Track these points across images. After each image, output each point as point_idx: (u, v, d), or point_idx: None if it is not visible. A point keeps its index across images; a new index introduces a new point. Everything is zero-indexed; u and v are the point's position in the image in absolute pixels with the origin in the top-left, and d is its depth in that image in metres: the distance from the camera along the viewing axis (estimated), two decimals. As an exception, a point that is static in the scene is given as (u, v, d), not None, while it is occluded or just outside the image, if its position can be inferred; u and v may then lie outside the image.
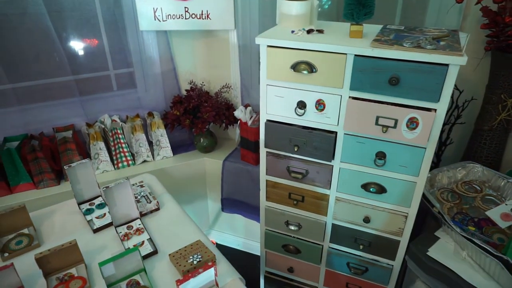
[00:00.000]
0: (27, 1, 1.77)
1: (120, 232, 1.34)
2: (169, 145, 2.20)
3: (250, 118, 2.05)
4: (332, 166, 1.41)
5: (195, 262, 1.18)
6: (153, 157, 2.20)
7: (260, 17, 2.03)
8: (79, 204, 1.50)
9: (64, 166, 1.39)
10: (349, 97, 1.25)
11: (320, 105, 1.30)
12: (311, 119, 1.34)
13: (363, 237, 1.50)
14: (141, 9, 1.98)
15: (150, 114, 2.23)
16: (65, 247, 1.15)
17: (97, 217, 1.42)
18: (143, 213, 1.43)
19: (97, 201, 1.52)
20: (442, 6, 1.78)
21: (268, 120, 1.43)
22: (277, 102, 1.37)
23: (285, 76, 1.30)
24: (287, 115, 1.38)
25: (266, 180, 1.57)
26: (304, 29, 1.33)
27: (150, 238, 1.32)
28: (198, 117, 2.09)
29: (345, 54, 1.19)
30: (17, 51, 1.91)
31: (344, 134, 1.32)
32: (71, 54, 2.02)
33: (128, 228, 1.36)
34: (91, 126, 2.11)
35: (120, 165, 2.12)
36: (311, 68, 1.24)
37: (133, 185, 1.58)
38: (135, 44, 2.11)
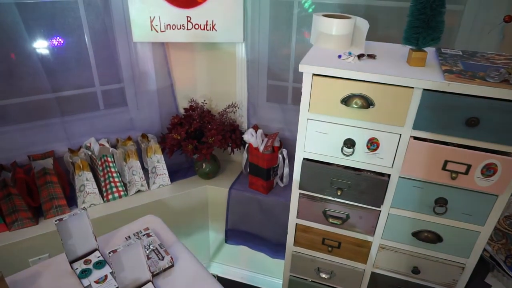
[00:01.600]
0: (-3, 6, 1.45)
1: (129, 303, 1.08)
2: (166, 172, 1.93)
3: (262, 143, 1.82)
4: (380, 211, 1.21)
5: None
6: (148, 186, 1.92)
7: (271, 29, 1.81)
8: (71, 262, 1.21)
9: (54, 221, 1.11)
10: (411, 137, 1.05)
11: (373, 144, 1.10)
12: (360, 159, 1.14)
13: (409, 287, 1.31)
14: (135, 18, 1.70)
15: (144, 136, 1.95)
16: None
17: (96, 281, 1.14)
18: (155, 273, 1.17)
19: (93, 258, 1.23)
20: (475, 26, 1.63)
21: (305, 159, 1.21)
22: (319, 139, 1.15)
23: (332, 110, 1.09)
24: (330, 154, 1.17)
25: (296, 224, 1.35)
26: (351, 53, 1.12)
27: (168, 311, 1.06)
28: (203, 142, 1.83)
29: (412, 88, 0.99)
30: (-17, 66, 1.57)
31: (400, 177, 1.13)
32: (50, 69, 1.70)
33: (138, 296, 1.10)
34: (75, 153, 1.80)
35: (110, 197, 1.83)
36: (367, 103, 1.03)
37: (138, 233, 1.31)
38: (126, 57, 1.83)
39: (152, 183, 1.91)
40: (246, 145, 1.91)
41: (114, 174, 1.80)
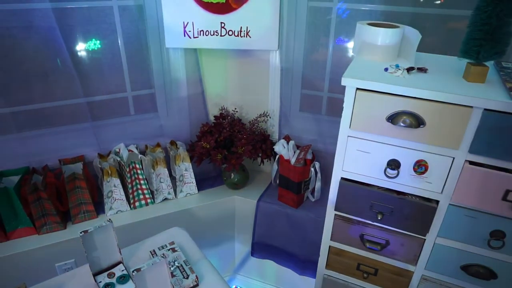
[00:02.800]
0: (33, 13, 1.45)
1: (152, 324, 1.02)
2: (194, 180, 1.88)
3: (293, 155, 1.74)
4: (424, 240, 1.10)
5: None
6: (175, 194, 1.88)
7: (307, 37, 1.73)
8: (95, 275, 1.17)
9: (79, 233, 1.07)
10: (466, 161, 0.94)
11: (420, 167, 0.99)
12: (405, 182, 1.04)
13: (453, 325, 1.19)
14: (169, 24, 1.67)
15: (173, 143, 1.91)
16: None
17: (119, 297, 1.10)
18: (178, 292, 1.11)
19: (117, 271, 1.19)
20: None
21: (343, 179, 1.11)
22: (359, 158, 1.06)
23: (377, 128, 0.99)
24: (372, 174, 1.07)
25: (330, 246, 1.26)
26: (399, 66, 1.02)
27: (192, 336, 1.00)
28: (233, 152, 1.77)
29: (471, 107, 0.88)
30: (19, 70, 1.58)
31: (450, 205, 1.01)
32: (83, 73, 1.70)
33: (161, 317, 1.04)
34: (105, 159, 1.79)
35: (137, 204, 1.80)
36: (417, 122, 0.93)
37: (163, 248, 1.26)
38: (158, 62, 1.80)
39: (179, 191, 1.87)
40: (277, 156, 1.83)
41: (142, 181, 1.77)
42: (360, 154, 1.05)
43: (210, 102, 1.95)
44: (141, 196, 1.80)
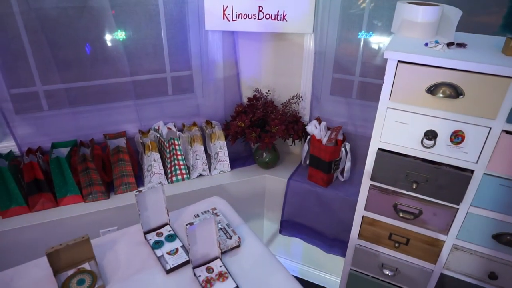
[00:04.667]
0: (89, -7, 1.56)
1: (200, 276, 1.11)
2: (227, 158, 1.97)
3: (325, 135, 1.80)
4: (457, 209, 1.15)
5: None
6: (210, 171, 1.97)
7: (341, 20, 1.78)
8: (145, 233, 1.28)
9: (134, 192, 1.17)
10: (503, 131, 0.99)
11: (457, 137, 1.04)
12: (441, 152, 1.09)
13: (481, 294, 1.24)
14: (209, 7, 1.75)
15: (209, 123, 2.01)
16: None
17: (168, 253, 1.20)
18: (223, 251, 1.20)
19: (165, 231, 1.29)
20: None
21: (380, 149, 1.18)
22: (397, 129, 1.12)
23: (416, 99, 1.05)
24: (408, 145, 1.13)
25: (363, 216, 1.33)
26: (438, 42, 1.08)
27: (237, 286, 1.08)
28: (266, 130, 1.85)
29: (510, 77, 0.92)
30: (72, 48, 1.70)
31: (484, 174, 1.06)
32: (129, 53, 1.80)
33: (208, 270, 1.13)
34: (145, 135, 1.89)
35: (174, 178, 1.91)
36: (456, 92, 0.98)
37: (206, 212, 1.35)
38: (197, 45, 1.89)
39: (213, 168, 1.97)
40: (308, 137, 1.90)
41: (179, 157, 1.87)
42: (398, 125, 1.11)
43: (244, 84, 2.03)
44: (178, 172, 1.90)
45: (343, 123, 1.91)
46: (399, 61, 1.03)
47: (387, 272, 1.37)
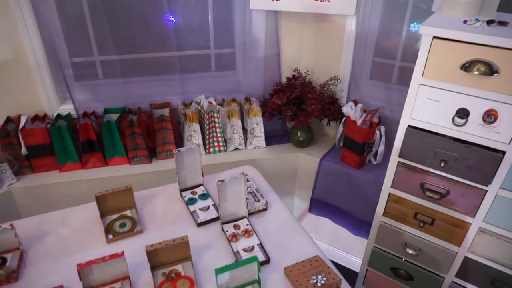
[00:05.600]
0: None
1: (227, 231, 1.21)
2: (263, 135, 2.05)
3: (360, 117, 1.82)
4: (486, 191, 1.14)
5: (318, 284, 1.00)
6: (245, 146, 2.06)
7: (384, 4, 1.77)
8: (181, 191, 1.39)
9: (174, 150, 1.29)
10: (538, 111, 0.98)
11: (490, 116, 1.04)
12: (472, 131, 1.09)
13: (506, 280, 1.22)
14: (255, -14, 1.81)
15: (247, 99, 2.09)
16: (176, 243, 1.03)
17: (200, 209, 1.30)
18: (250, 212, 1.29)
19: (199, 191, 1.40)
20: None
21: (410, 126, 1.19)
22: (429, 106, 1.13)
23: (449, 76, 1.05)
24: (439, 123, 1.13)
25: (389, 193, 1.35)
26: (478, 19, 1.07)
27: (260, 244, 1.16)
28: (302, 109, 1.90)
29: (549, 55, 0.91)
30: (126, 21, 1.84)
31: (516, 155, 1.05)
32: (178, 29, 1.92)
33: (235, 227, 1.23)
34: (188, 106, 2.02)
35: (211, 150, 2.02)
36: (491, 70, 0.98)
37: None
38: (240, 23, 1.96)
39: (249, 143, 2.05)
40: (343, 119, 1.92)
41: (218, 130, 1.98)
42: (430, 103, 1.12)
43: (284, 64, 2.08)
44: (216, 143, 2.01)
45: (380, 107, 1.91)
46: (434, 37, 1.04)
47: (410, 252, 1.39)
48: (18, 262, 1.09)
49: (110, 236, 1.18)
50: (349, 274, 2.17)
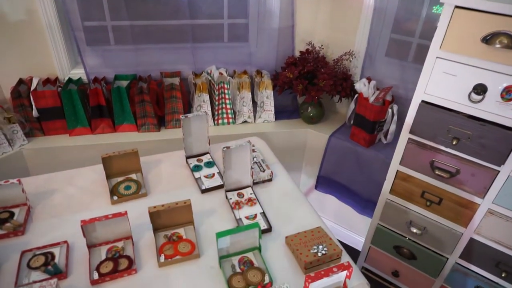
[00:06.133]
0: None
1: (231, 199, 1.21)
2: (273, 108, 2.02)
3: (373, 94, 1.78)
4: (498, 172, 1.11)
5: (319, 254, 1.00)
6: (254, 119, 2.04)
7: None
8: (187, 158, 1.39)
9: (181, 116, 1.28)
10: (561, 88, 0.93)
11: (509, 93, 1.00)
12: (489, 109, 1.05)
13: (510, 263, 1.21)
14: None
15: (259, 72, 2.05)
16: (179, 206, 1.04)
17: (205, 176, 1.30)
18: (255, 181, 1.28)
19: (205, 158, 1.40)
20: None
21: (423, 102, 1.16)
22: (444, 81, 1.08)
23: (469, 48, 1.01)
24: (454, 99, 1.09)
25: (397, 171, 1.32)
26: (504, -10, 1.00)
27: (263, 212, 1.16)
28: (314, 83, 1.86)
29: None
30: (139, -14, 1.81)
31: (533, 135, 1.01)
32: (190, -4, 1.88)
33: (239, 195, 1.22)
34: (198, 76, 1.99)
35: (220, 121, 2.01)
36: (515, 43, 0.93)
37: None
38: (255, -8, 1.91)
39: (258, 117, 2.03)
40: (355, 96, 1.88)
41: (227, 101, 1.96)
42: (446, 77, 1.08)
43: (297, 37, 2.03)
44: (225, 115, 1.99)
45: (394, 86, 1.86)
46: (456, 7, 0.99)
47: (415, 231, 1.37)
48: (25, 216, 1.11)
49: (115, 198, 1.20)
50: (352, 252, 2.17)
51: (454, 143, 1.12)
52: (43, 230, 1.08)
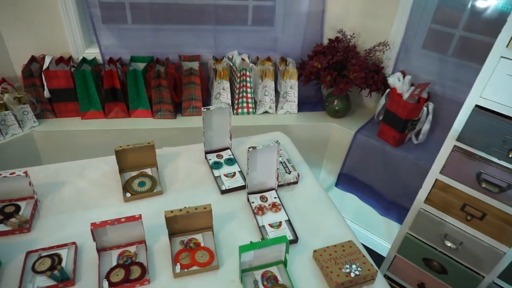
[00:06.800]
0: None
1: (253, 202, 1.11)
2: (296, 99, 1.90)
3: (407, 90, 1.64)
4: (557, 190, 0.98)
5: (352, 274, 0.90)
6: (276, 110, 1.92)
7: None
8: (206, 153, 1.29)
9: (202, 109, 1.16)
10: None
11: None
12: (557, 120, 0.91)
13: (559, 290, 1.09)
14: None
15: (283, 60, 1.92)
16: (199, 212, 0.94)
17: (226, 175, 1.20)
18: (279, 184, 1.17)
19: (225, 154, 1.29)
20: None
21: (477, 106, 1.02)
22: (507, 84, 0.95)
23: (542, 49, 0.86)
24: (516, 106, 0.95)
25: (436, 180, 1.20)
26: None
27: (288, 220, 1.06)
28: (343, 75, 1.73)
29: None
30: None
31: None
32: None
33: (262, 199, 1.12)
34: (219, 62, 1.87)
35: (239, 111, 1.89)
36: None
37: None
38: (284, -28, 1.75)
39: (280, 107, 1.91)
40: (387, 90, 1.74)
41: (248, 90, 1.84)
42: (509, 80, 0.94)
43: (327, 23, 1.88)
44: (245, 104, 1.88)
45: (430, 82, 1.71)
46: (532, -1, 0.84)
47: (449, 245, 1.26)
48: (32, 211, 1.03)
49: (128, 195, 1.10)
50: (370, 254, 2.07)
51: (510, 155, 0.99)
52: (50, 228, 1.00)
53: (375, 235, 2.07)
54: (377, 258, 1.95)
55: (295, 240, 1.01)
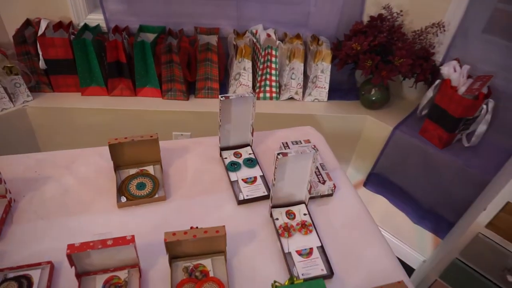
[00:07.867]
0: None
1: (277, 219, 0.88)
2: (327, 86, 1.64)
3: (464, 83, 1.36)
4: None
5: (407, 334, 0.68)
6: (303, 96, 1.67)
7: None
8: (222, 149, 1.06)
9: (220, 97, 0.93)
10: None
11: None
12: None
13: None
14: None
15: (315, 38, 1.65)
16: (209, 236, 0.72)
17: (244, 180, 0.97)
18: (310, 196, 0.94)
19: (245, 153, 1.06)
20: None
21: None
22: None
23: None
24: None
25: (508, 202, 0.95)
26: None
27: (322, 246, 0.84)
28: (387, 61, 1.45)
29: None
30: None
31: None
32: None
33: (288, 215, 0.90)
34: (240, 37, 1.61)
35: (261, 95, 1.65)
36: None
37: (297, 143, 1.07)
38: None
39: (308, 94, 1.66)
40: (437, 81, 1.47)
41: (273, 71, 1.58)
42: None
43: (369, -2, 1.59)
44: (268, 88, 1.63)
45: (491, 73, 1.42)
46: None
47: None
48: (2, 214, 0.82)
49: (123, 199, 0.89)
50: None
51: None
52: (22, 238, 0.80)
53: (404, 244, 1.85)
54: (406, 268, 1.74)
55: (329, 276, 0.79)
